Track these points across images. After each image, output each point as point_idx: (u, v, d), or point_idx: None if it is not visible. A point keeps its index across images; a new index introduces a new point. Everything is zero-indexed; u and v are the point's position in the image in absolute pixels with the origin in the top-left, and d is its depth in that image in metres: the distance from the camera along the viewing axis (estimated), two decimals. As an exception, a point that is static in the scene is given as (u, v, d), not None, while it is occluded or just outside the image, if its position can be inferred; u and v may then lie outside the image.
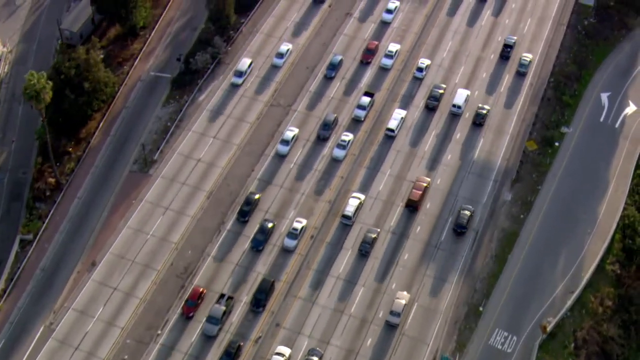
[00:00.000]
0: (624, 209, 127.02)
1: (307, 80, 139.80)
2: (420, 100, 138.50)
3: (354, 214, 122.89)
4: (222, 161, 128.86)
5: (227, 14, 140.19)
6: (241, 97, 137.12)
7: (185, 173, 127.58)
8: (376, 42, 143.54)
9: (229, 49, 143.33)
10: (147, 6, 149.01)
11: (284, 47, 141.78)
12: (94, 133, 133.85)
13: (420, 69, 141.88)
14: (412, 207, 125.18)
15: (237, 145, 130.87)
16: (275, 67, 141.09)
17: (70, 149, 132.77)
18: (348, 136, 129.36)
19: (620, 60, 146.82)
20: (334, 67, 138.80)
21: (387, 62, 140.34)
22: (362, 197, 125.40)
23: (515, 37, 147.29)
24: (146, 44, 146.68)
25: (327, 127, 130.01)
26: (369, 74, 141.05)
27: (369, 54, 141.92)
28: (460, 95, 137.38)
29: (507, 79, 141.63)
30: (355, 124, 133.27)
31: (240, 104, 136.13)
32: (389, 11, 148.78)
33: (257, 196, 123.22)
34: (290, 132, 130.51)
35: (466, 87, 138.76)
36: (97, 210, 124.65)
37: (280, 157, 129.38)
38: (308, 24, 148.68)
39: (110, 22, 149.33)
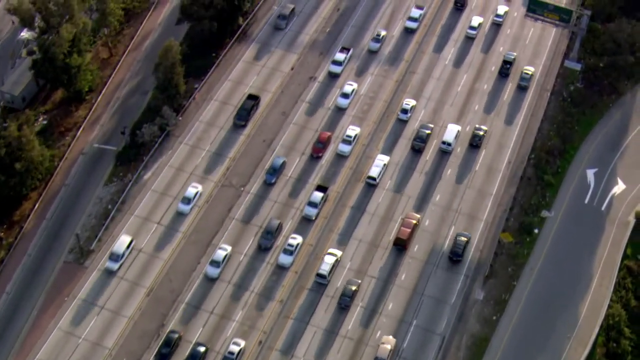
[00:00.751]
0: (609, 306, 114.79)
1: (264, 157, 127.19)
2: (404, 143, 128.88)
3: (330, 272, 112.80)
4: (165, 252, 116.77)
5: (176, 83, 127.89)
6: (191, 175, 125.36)
7: (124, 266, 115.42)
8: (329, 133, 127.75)
9: (180, 119, 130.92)
10: (93, 69, 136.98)
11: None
12: (29, 216, 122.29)
13: (404, 111, 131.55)
14: (401, 245, 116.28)
15: (182, 233, 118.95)
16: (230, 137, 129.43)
17: (2, 234, 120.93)
18: (296, 239, 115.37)
19: (609, 130, 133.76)
20: (275, 171, 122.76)
21: (345, 148, 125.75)
22: (339, 253, 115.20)
23: (514, 53, 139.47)
24: (92, 111, 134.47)
25: (270, 235, 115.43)
26: (320, 167, 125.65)
27: (320, 147, 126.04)
28: (451, 132, 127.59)
29: (480, 159, 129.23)
30: (306, 224, 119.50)
31: (187, 185, 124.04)
32: (345, 95, 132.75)
33: (177, 335, 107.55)
34: (222, 252, 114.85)
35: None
36: (26, 308, 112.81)
37: (210, 281, 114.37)
38: (268, 90, 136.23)
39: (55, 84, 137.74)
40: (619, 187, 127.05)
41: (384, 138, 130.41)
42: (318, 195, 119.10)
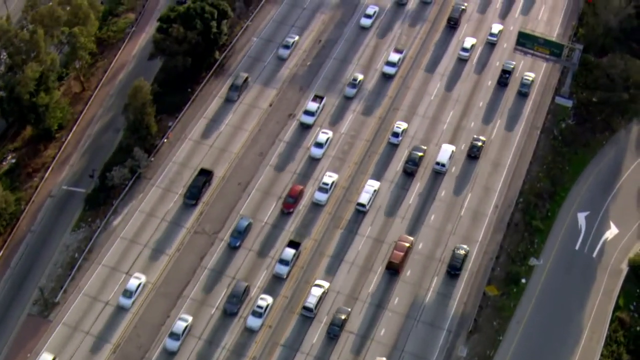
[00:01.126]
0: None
1: (238, 201, 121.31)
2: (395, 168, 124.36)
3: (317, 305, 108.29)
4: (133, 305, 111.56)
5: (147, 124, 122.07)
6: (161, 222, 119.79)
7: (90, 319, 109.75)
8: (301, 187, 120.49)
9: (152, 160, 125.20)
10: (63, 105, 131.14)
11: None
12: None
13: (396, 134, 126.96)
14: (393, 269, 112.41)
15: (152, 284, 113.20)
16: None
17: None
18: (265, 300, 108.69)
19: (602, 169, 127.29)
20: (239, 233, 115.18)
21: (321, 197, 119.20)
22: (327, 285, 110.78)
23: (513, 62, 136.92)
24: (61, 150, 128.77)
25: (236, 300, 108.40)
26: (294, 218, 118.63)
27: (291, 202, 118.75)
28: (445, 152, 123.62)
29: (469, 197, 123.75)
30: (276, 282, 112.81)
31: (158, 231, 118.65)
32: (319, 145, 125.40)
33: None
34: (182, 323, 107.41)
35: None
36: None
37: (169, 355, 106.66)
38: (245, 128, 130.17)
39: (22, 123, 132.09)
40: (612, 232, 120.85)
41: (374, 162, 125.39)
42: (290, 252, 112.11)
